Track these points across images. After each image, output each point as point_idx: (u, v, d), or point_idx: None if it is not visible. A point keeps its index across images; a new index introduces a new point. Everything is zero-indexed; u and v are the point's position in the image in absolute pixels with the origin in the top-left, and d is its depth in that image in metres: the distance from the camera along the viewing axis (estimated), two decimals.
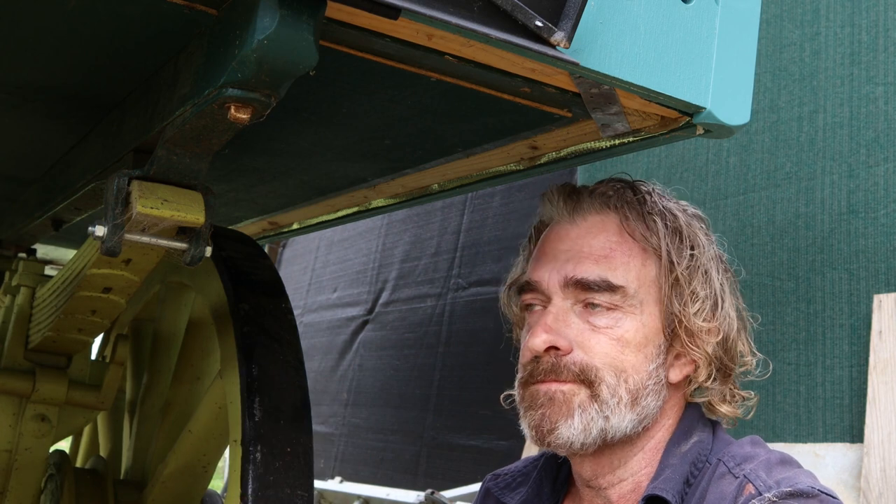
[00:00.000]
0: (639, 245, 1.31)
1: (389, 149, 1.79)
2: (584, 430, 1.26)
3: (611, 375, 1.26)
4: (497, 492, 1.51)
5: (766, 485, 1.19)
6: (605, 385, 1.26)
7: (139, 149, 1.46)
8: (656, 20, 1.21)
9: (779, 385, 2.47)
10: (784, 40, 2.71)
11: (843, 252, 2.40)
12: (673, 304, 1.30)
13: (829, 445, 2.31)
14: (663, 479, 1.25)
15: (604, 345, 1.27)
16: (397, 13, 0.97)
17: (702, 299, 1.30)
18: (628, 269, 1.29)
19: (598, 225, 1.33)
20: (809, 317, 2.45)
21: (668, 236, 1.31)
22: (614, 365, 1.26)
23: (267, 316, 1.79)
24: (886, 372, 2.21)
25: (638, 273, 1.30)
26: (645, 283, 1.30)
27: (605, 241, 1.31)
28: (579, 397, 1.26)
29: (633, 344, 1.27)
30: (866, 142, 2.43)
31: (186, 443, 1.93)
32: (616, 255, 1.30)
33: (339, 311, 4.99)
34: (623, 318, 1.28)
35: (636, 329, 1.28)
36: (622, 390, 1.26)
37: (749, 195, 2.69)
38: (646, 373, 1.28)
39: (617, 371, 1.26)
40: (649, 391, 1.28)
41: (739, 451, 1.28)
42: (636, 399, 1.27)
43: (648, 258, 1.31)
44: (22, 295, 2.27)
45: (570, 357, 1.27)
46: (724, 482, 1.23)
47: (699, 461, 1.28)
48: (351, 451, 4.47)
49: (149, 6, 1.18)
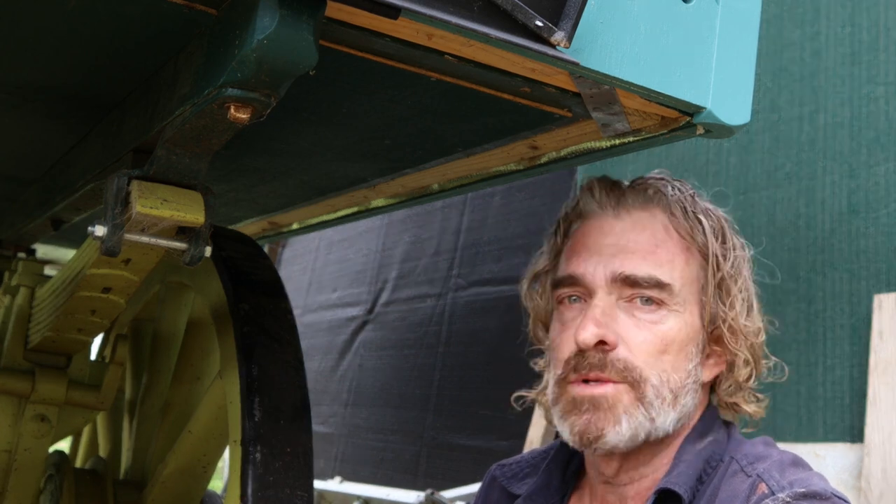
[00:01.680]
0: (684, 243, 1.32)
1: (389, 149, 1.79)
2: (632, 435, 1.26)
3: (654, 375, 1.26)
4: (504, 481, 1.51)
5: (779, 485, 1.19)
6: (650, 386, 1.26)
7: (139, 149, 1.46)
8: (656, 20, 1.21)
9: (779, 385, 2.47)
10: (784, 40, 2.71)
11: (843, 252, 2.40)
12: (717, 304, 1.31)
13: (829, 445, 2.31)
14: (676, 474, 1.26)
15: (648, 342, 1.27)
16: (397, 13, 0.97)
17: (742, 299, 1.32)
18: (673, 266, 1.30)
19: (644, 221, 1.33)
20: (810, 317, 2.45)
21: (713, 236, 1.33)
22: (657, 364, 1.26)
23: (267, 316, 1.79)
24: (887, 372, 2.21)
25: (682, 271, 1.30)
26: (688, 281, 1.30)
27: (651, 237, 1.31)
28: (624, 402, 1.25)
29: (676, 342, 1.28)
30: (867, 142, 2.42)
31: (186, 443, 1.93)
32: (662, 252, 1.30)
33: (339, 311, 4.99)
34: (668, 315, 1.28)
35: (679, 327, 1.28)
36: (665, 390, 1.26)
37: (749, 195, 2.69)
38: (685, 371, 1.28)
39: (660, 370, 1.26)
40: (688, 390, 1.29)
41: (752, 450, 1.29)
42: (677, 398, 1.27)
43: (692, 256, 1.32)
44: (21, 295, 2.27)
45: (616, 353, 1.26)
46: (736, 480, 1.23)
47: (713, 459, 1.28)
48: (351, 451, 4.47)
49: (149, 6, 1.18)
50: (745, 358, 1.32)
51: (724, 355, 1.34)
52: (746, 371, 1.33)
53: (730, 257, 1.33)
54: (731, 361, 1.33)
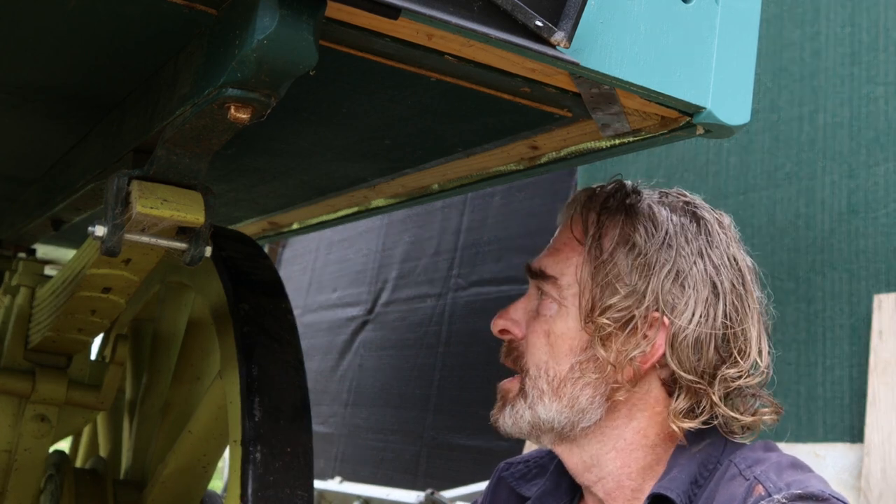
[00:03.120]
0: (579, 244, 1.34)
1: (389, 149, 1.79)
2: (514, 423, 1.34)
3: (534, 368, 1.33)
4: (512, 482, 1.51)
5: (776, 486, 1.18)
6: (528, 378, 1.33)
7: (139, 149, 1.46)
8: (656, 20, 1.21)
9: (779, 385, 2.47)
10: (784, 40, 2.71)
11: (843, 252, 2.40)
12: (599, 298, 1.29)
13: (829, 445, 2.31)
14: (669, 479, 1.25)
15: (536, 335, 1.34)
16: (397, 13, 0.97)
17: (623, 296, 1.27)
18: (568, 264, 1.34)
19: (566, 222, 1.39)
20: (810, 317, 2.45)
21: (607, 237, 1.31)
22: (538, 357, 1.33)
23: (267, 316, 1.79)
24: (887, 372, 2.21)
25: (575, 269, 1.33)
26: (579, 277, 1.32)
27: (564, 236, 1.37)
28: (513, 392, 1.35)
29: (556, 335, 1.32)
30: (867, 142, 2.43)
31: (186, 443, 1.93)
32: (565, 250, 1.35)
33: (339, 311, 4.99)
34: (558, 311, 1.33)
35: (562, 321, 1.32)
36: (542, 382, 1.31)
37: (749, 195, 2.69)
38: (568, 365, 1.30)
39: (538, 363, 1.32)
40: (575, 383, 1.29)
41: (751, 454, 1.27)
42: (558, 391, 1.30)
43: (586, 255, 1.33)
44: (22, 295, 2.27)
45: (518, 344, 1.36)
46: (734, 484, 1.22)
47: (709, 462, 1.27)
48: (351, 451, 4.47)
49: (149, 6, 1.18)
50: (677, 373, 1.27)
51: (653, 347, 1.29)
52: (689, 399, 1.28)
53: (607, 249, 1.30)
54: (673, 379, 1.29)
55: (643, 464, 1.31)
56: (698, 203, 1.38)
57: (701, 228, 1.33)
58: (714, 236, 1.32)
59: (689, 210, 1.35)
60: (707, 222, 1.34)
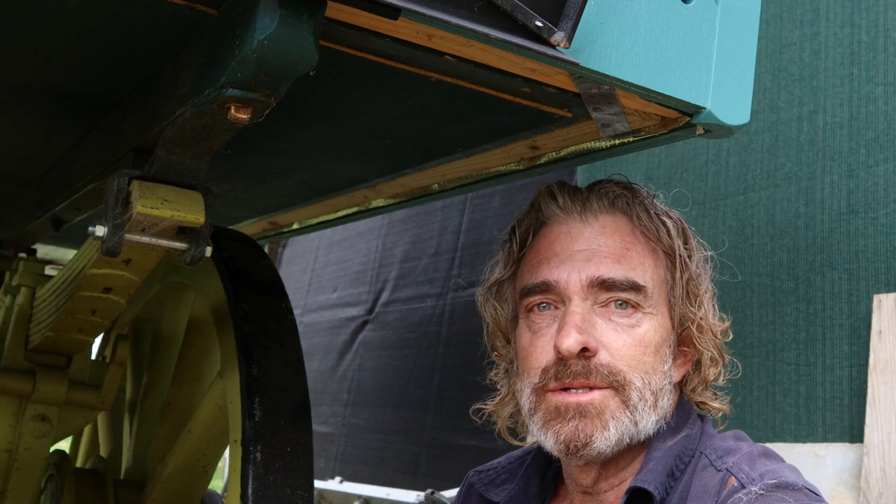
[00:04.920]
0: (650, 245, 1.31)
1: (389, 149, 1.79)
2: (618, 440, 1.25)
3: (638, 378, 1.25)
4: (481, 487, 1.48)
5: (749, 477, 1.18)
6: (634, 389, 1.24)
7: (139, 149, 1.46)
8: (656, 20, 1.21)
9: (779, 385, 2.47)
10: (784, 40, 2.71)
11: (842, 252, 2.40)
12: (686, 305, 1.30)
13: (829, 445, 2.31)
14: (646, 472, 1.25)
15: (628, 346, 1.25)
16: (397, 13, 0.97)
17: (708, 299, 1.32)
18: (645, 268, 1.29)
19: (610, 224, 1.31)
20: (809, 317, 2.45)
21: (677, 237, 1.32)
22: (639, 367, 1.25)
23: (267, 316, 1.79)
24: (886, 372, 2.21)
25: (652, 273, 1.30)
26: (658, 283, 1.30)
27: (621, 240, 1.30)
28: (611, 406, 1.24)
29: (652, 344, 1.27)
30: (866, 142, 2.43)
31: (186, 443, 1.93)
32: (633, 254, 1.29)
33: (339, 311, 4.99)
34: (643, 318, 1.27)
35: (655, 329, 1.28)
36: (648, 392, 1.25)
37: (749, 195, 2.69)
38: (662, 373, 1.28)
39: (642, 373, 1.25)
40: (665, 392, 1.28)
41: (722, 444, 1.28)
42: (657, 401, 1.27)
43: (658, 258, 1.31)
44: (22, 295, 2.27)
45: (598, 359, 1.25)
46: (706, 475, 1.23)
47: (685, 454, 1.28)
48: (351, 451, 4.47)
49: (149, 6, 1.18)
50: (712, 356, 1.33)
51: (689, 355, 1.34)
52: (714, 370, 1.33)
53: (694, 258, 1.33)
54: (697, 360, 1.33)
55: (640, 463, 1.31)
56: None
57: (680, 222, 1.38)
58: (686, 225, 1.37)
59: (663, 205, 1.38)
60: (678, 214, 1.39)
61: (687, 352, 1.34)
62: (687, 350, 1.33)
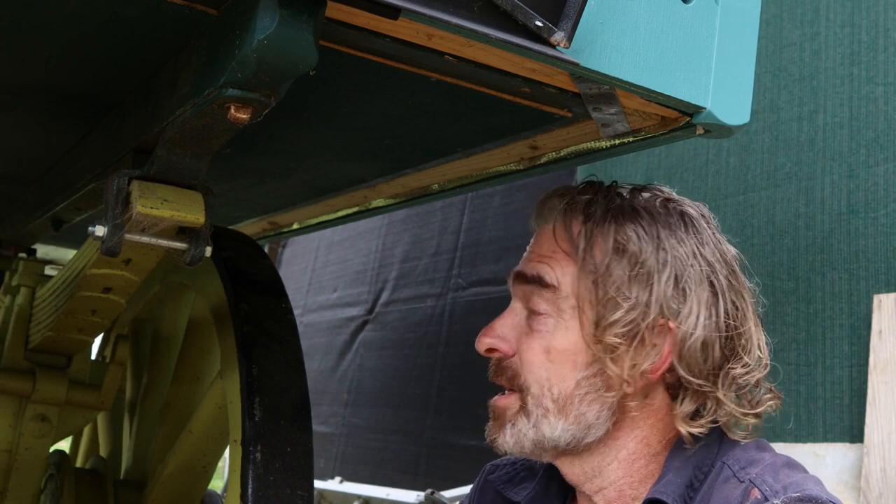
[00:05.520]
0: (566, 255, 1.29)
1: (389, 149, 1.80)
2: (516, 442, 1.29)
3: (536, 385, 1.27)
4: (499, 485, 1.47)
5: (772, 489, 1.16)
6: (530, 396, 1.27)
7: (139, 149, 1.46)
8: (656, 20, 1.21)
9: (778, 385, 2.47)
10: (784, 40, 2.71)
11: (843, 252, 2.40)
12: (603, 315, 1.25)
13: (829, 445, 2.31)
14: (664, 483, 1.23)
15: (534, 352, 1.28)
16: (397, 13, 0.97)
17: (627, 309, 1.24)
18: (564, 273, 1.28)
19: (548, 230, 1.34)
20: (809, 317, 2.45)
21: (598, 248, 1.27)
22: (538, 374, 1.27)
23: (267, 316, 1.79)
24: (886, 372, 2.21)
25: (572, 280, 1.28)
26: (576, 291, 1.27)
27: (550, 245, 1.31)
28: (512, 410, 1.29)
29: (558, 351, 1.27)
30: (866, 142, 2.43)
31: (186, 443, 1.93)
32: (557, 259, 1.30)
33: (339, 311, 4.99)
34: (556, 325, 1.27)
35: (563, 336, 1.27)
36: (547, 400, 1.26)
37: (749, 195, 2.69)
38: (573, 381, 1.26)
39: (540, 381, 1.27)
40: (582, 400, 1.25)
41: (744, 454, 1.25)
42: (564, 408, 1.25)
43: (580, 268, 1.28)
44: (22, 295, 2.27)
45: (510, 362, 1.30)
46: (728, 486, 1.20)
47: (704, 465, 1.25)
48: (351, 451, 4.47)
49: (149, 6, 1.18)
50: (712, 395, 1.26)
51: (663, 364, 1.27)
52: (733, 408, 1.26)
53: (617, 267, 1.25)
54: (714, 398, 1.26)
55: (645, 472, 1.29)
56: (677, 198, 1.34)
57: (688, 226, 1.29)
58: (702, 233, 1.30)
59: (672, 208, 1.31)
60: (692, 218, 1.31)
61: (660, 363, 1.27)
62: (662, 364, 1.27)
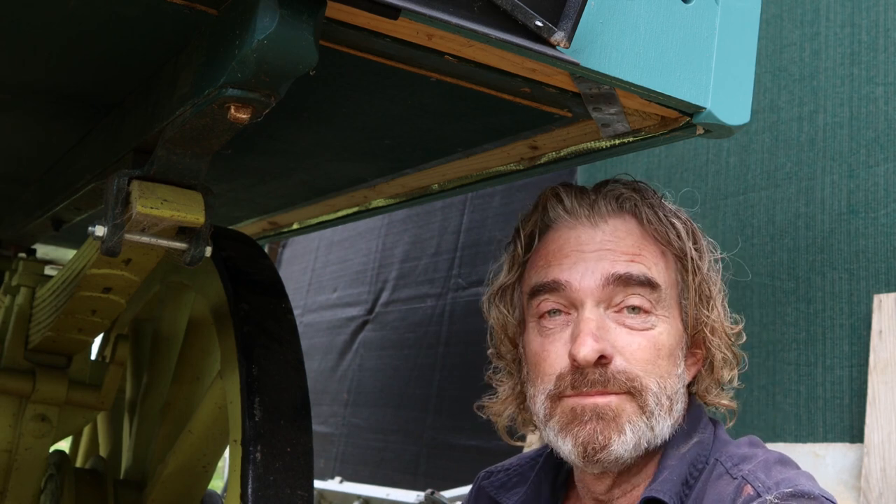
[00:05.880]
0: (660, 248, 1.29)
1: (389, 149, 1.79)
2: (635, 444, 1.22)
3: (653, 383, 1.23)
4: (492, 491, 1.47)
5: (765, 486, 1.17)
6: (650, 394, 1.22)
7: (139, 149, 1.46)
8: (656, 20, 1.21)
9: (779, 385, 2.47)
10: (784, 40, 2.71)
11: (843, 252, 2.40)
12: (698, 307, 1.29)
13: (829, 445, 2.31)
14: (661, 481, 1.23)
15: (643, 349, 1.23)
16: (397, 13, 0.97)
17: (721, 300, 1.31)
18: (658, 269, 1.27)
19: (622, 228, 1.29)
20: (809, 317, 2.45)
21: (688, 239, 1.30)
22: (654, 371, 1.23)
23: (267, 316, 1.79)
24: (886, 372, 2.21)
25: (665, 275, 1.28)
26: (670, 285, 1.28)
27: (633, 242, 1.28)
28: (627, 411, 1.22)
29: (666, 347, 1.25)
30: (866, 142, 2.43)
31: (186, 443, 1.93)
32: (646, 255, 1.27)
33: (339, 311, 4.99)
34: (657, 321, 1.25)
35: (668, 332, 1.26)
36: (664, 397, 1.23)
37: (749, 195, 2.69)
38: (676, 377, 1.26)
39: (657, 377, 1.23)
40: (679, 395, 1.27)
41: (737, 451, 1.26)
42: (672, 405, 1.25)
43: (669, 261, 1.30)
44: (22, 295, 2.27)
45: (614, 366, 1.22)
46: (721, 483, 1.21)
47: (698, 462, 1.26)
48: (351, 451, 4.47)
49: (149, 6, 1.18)
50: (725, 358, 1.31)
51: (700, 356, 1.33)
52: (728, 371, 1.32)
53: (705, 259, 1.31)
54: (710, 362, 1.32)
55: (653, 469, 1.29)
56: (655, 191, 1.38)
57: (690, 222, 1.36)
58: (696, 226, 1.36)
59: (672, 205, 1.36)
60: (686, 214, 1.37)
61: (697, 353, 1.32)
62: (697, 352, 1.32)
